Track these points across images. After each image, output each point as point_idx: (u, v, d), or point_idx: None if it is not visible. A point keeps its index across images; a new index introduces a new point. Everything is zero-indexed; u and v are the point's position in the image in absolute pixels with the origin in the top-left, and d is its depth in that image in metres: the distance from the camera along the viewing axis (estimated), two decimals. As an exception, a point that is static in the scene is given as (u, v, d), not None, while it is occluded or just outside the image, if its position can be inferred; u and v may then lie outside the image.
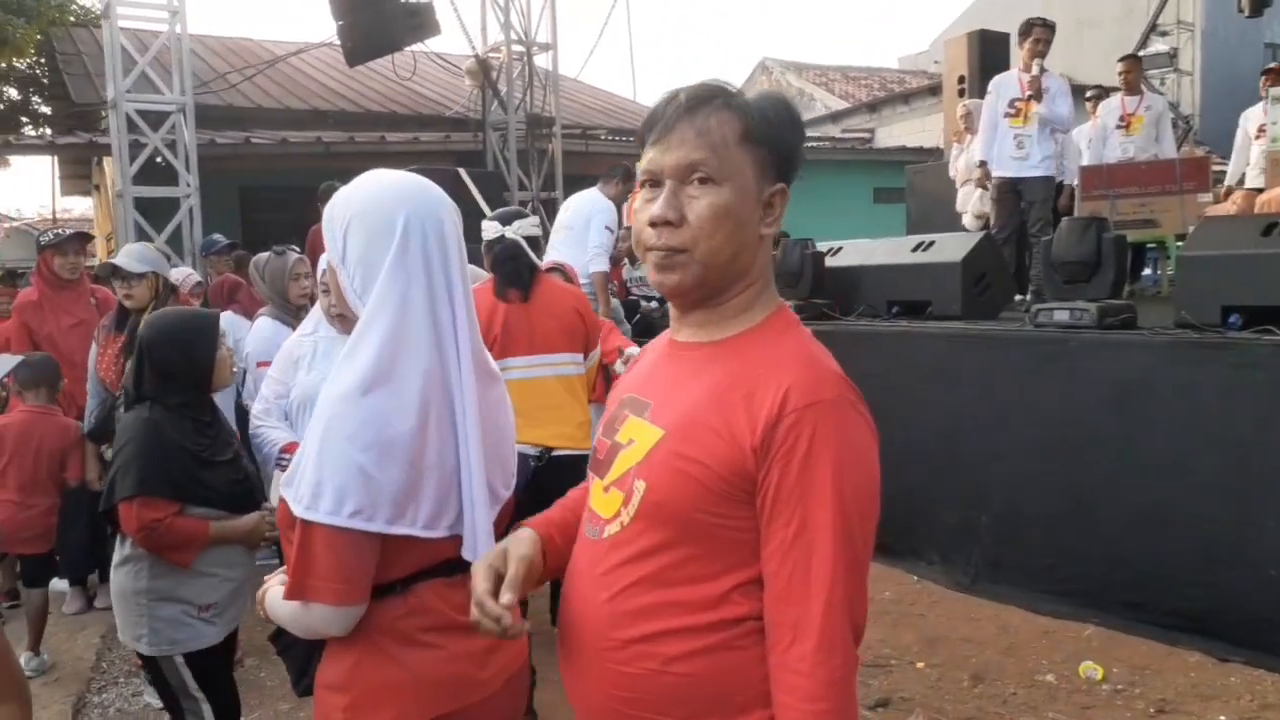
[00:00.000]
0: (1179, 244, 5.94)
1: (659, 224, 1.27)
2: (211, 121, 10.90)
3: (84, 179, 14.78)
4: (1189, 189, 6.99)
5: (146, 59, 8.33)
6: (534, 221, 3.57)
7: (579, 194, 6.76)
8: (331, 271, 1.64)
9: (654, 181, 1.29)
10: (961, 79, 9.43)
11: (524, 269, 3.46)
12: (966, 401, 4.89)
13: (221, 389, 2.82)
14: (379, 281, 1.53)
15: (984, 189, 7.08)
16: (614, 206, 6.55)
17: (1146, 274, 8.67)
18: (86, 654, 4.41)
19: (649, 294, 7.89)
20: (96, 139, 10.40)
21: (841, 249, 6.51)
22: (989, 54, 9.22)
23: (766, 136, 1.28)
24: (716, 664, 1.24)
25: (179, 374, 2.61)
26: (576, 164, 11.45)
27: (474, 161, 10.78)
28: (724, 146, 1.25)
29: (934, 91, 16.64)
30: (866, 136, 19.50)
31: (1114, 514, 4.22)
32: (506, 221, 3.50)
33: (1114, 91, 8.26)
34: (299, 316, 3.73)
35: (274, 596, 1.63)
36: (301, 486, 1.49)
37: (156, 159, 8.67)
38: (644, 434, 1.32)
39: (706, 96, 1.27)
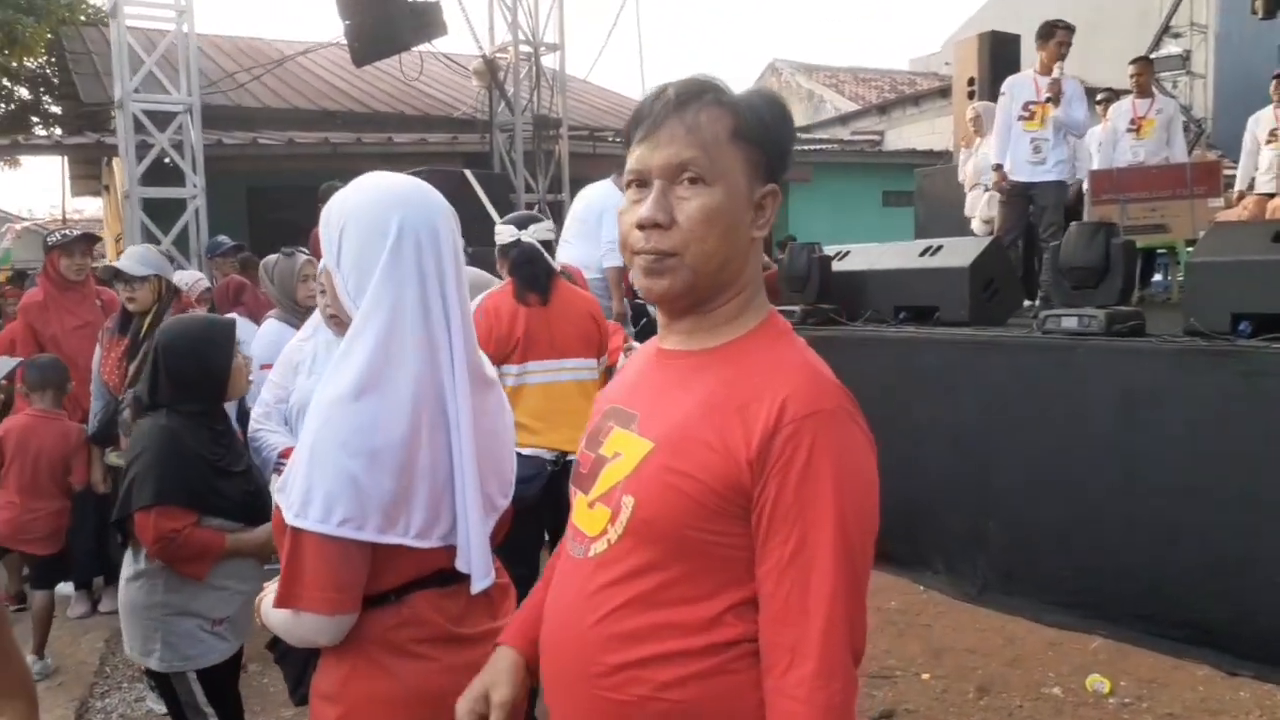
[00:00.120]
0: (1189, 249, 5.89)
1: (647, 226, 1.21)
2: (219, 121, 10.93)
3: (94, 179, 14.80)
4: (1200, 193, 6.92)
5: (153, 59, 8.34)
6: (549, 226, 3.61)
7: (592, 186, 6.67)
8: (327, 274, 1.64)
9: (641, 181, 1.23)
10: (972, 81, 9.37)
11: (542, 273, 3.49)
12: (973, 408, 4.85)
13: (237, 397, 2.80)
14: (371, 286, 1.52)
15: (1000, 192, 6.99)
16: None
17: (1156, 279, 8.61)
18: (90, 658, 4.40)
19: None
20: (105, 139, 10.42)
21: (849, 253, 6.46)
22: (1000, 56, 9.17)
23: (758, 134, 1.23)
24: (711, 689, 1.18)
25: (194, 382, 2.58)
26: (583, 165, 11.41)
27: (481, 163, 10.78)
28: (715, 145, 1.20)
29: (944, 93, 16.60)
30: (876, 139, 19.44)
31: (1122, 524, 4.17)
32: (522, 225, 3.53)
33: (1125, 94, 8.20)
34: (306, 319, 3.72)
35: (268, 604, 1.62)
36: (292, 493, 1.48)
37: (164, 160, 8.68)
38: (631, 447, 1.26)
39: (696, 92, 1.22)
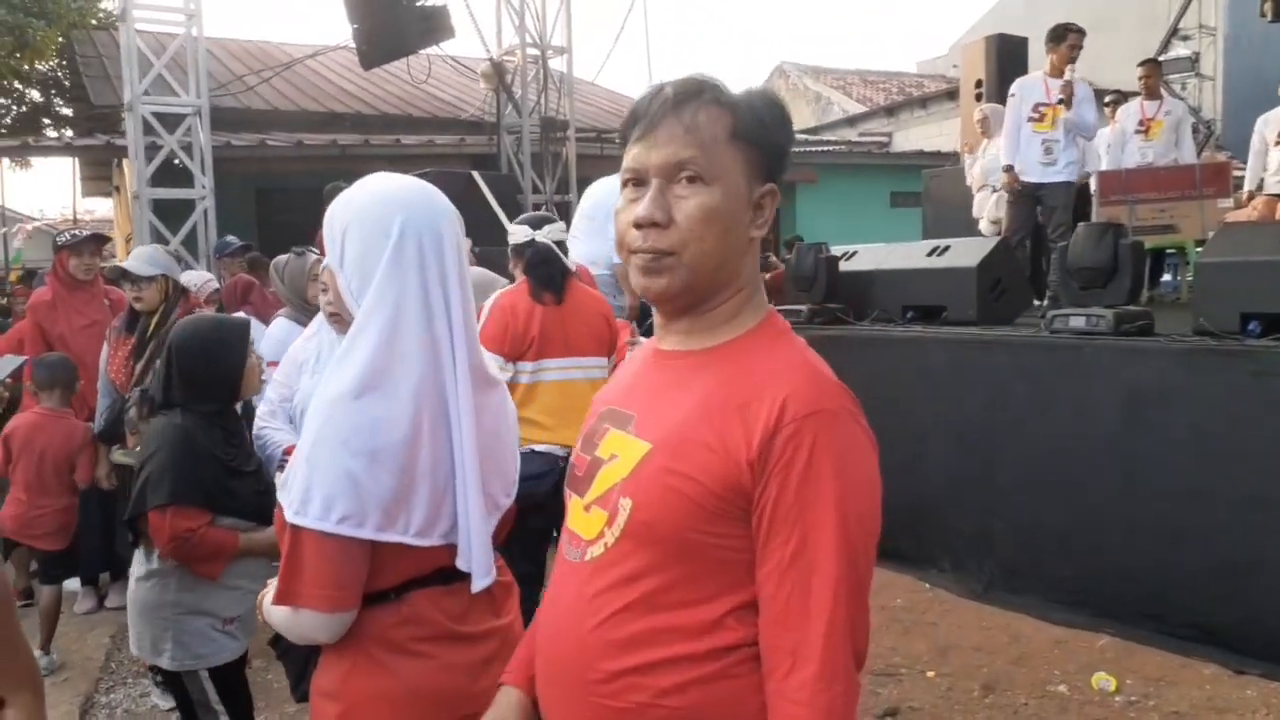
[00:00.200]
0: (1198, 250, 5.86)
1: (645, 225, 1.20)
2: (229, 124, 10.98)
3: (105, 180, 14.89)
4: (1209, 194, 6.90)
5: (163, 61, 8.39)
6: (561, 227, 3.67)
7: (599, 182, 6.64)
8: (330, 274, 1.64)
9: (638, 180, 1.22)
10: (979, 83, 9.38)
11: (557, 273, 3.55)
12: (980, 408, 4.84)
13: (249, 397, 2.80)
14: (374, 285, 1.52)
15: (1010, 193, 6.95)
16: None
17: (1166, 280, 8.56)
18: (96, 654, 4.41)
19: None
20: (115, 141, 10.48)
21: (856, 253, 6.45)
22: (1007, 58, 9.17)
23: (757, 134, 1.22)
24: (712, 695, 1.16)
25: (207, 382, 2.57)
26: (590, 167, 11.40)
27: (488, 164, 10.81)
28: (713, 144, 1.19)
29: (951, 96, 16.53)
30: (884, 140, 19.42)
31: (1129, 523, 4.16)
32: (536, 226, 3.60)
33: (1134, 96, 8.16)
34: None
35: (269, 600, 1.62)
36: (293, 491, 1.49)
37: (174, 161, 8.72)
38: (628, 448, 1.24)
39: (694, 91, 1.21)
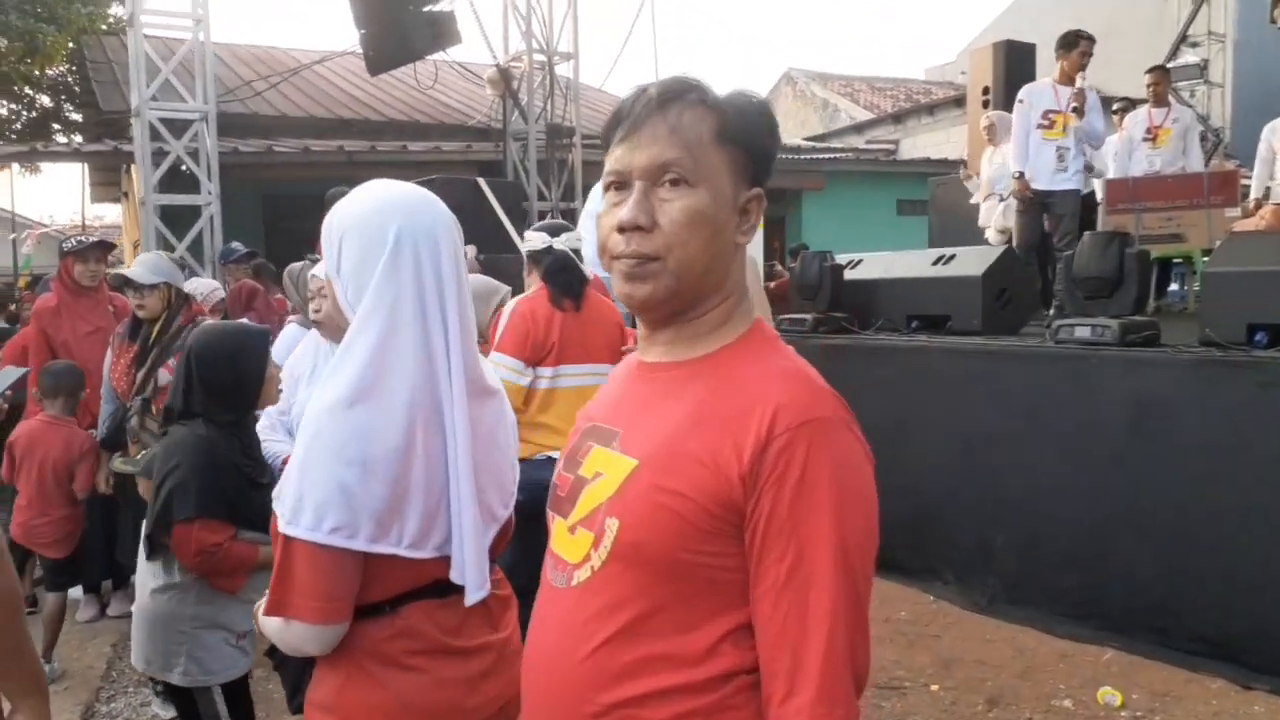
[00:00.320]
0: (1206, 259, 5.83)
1: (628, 229, 1.16)
2: (237, 129, 11.01)
3: (114, 186, 14.96)
4: (1217, 203, 6.87)
5: (170, 67, 8.41)
6: (577, 235, 3.72)
7: None
8: (328, 282, 1.63)
9: (621, 183, 1.18)
10: (986, 90, 9.33)
11: (576, 280, 3.59)
12: (985, 418, 4.82)
13: (267, 406, 2.77)
14: (368, 293, 1.51)
15: (1021, 200, 6.90)
16: None
17: (1173, 289, 8.54)
18: (97, 663, 4.40)
19: None
20: (123, 146, 10.51)
21: (861, 261, 6.44)
22: (1015, 65, 9.12)
23: (743, 136, 1.18)
24: None
25: (228, 390, 2.55)
26: (596, 174, 11.29)
27: (495, 171, 10.82)
28: (698, 145, 1.15)
29: (959, 103, 16.56)
30: (891, 148, 19.41)
31: (1135, 535, 4.13)
32: (554, 234, 3.67)
33: (1142, 103, 8.13)
34: None
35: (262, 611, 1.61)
36: (285, 501, 1.48)
37: (181, 167, 8.75)
38: (613, 466, 1.19)
39: (679, 91, 1.17)
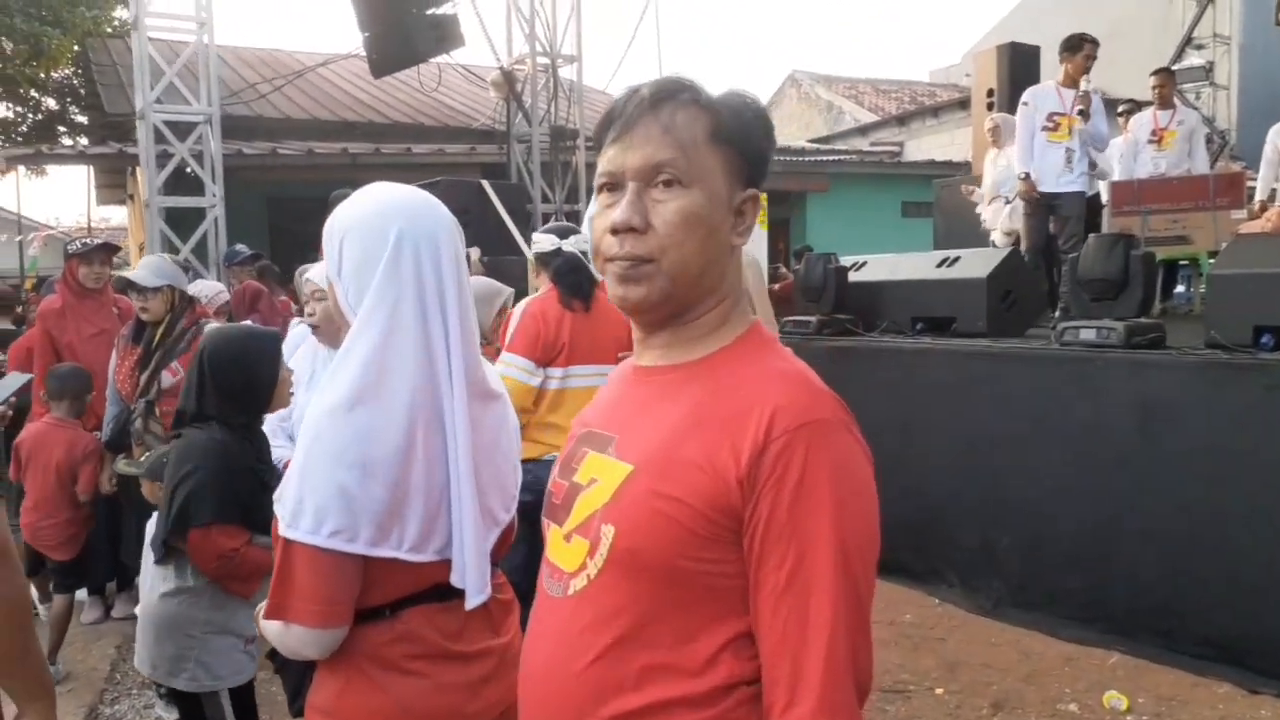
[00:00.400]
0: (1212, 261, 5.81)
1: (621, 230, 1.14)
2: (241, 132, 11.02)
3: (120, 188, 14.98)
4: (1222, 205, 6.83)
5: (174, 70, 8.42)
6: (585, 237, 3.73)
7: None
8: (329, 286, 1.62)
9: (613, 184, 1.16)
10: (991, 92, 9.32)
11: (585, 281, 3.63)
12: (990, 420, 4.80)
13: (278, 410, 2.77)
14: (368, 295, 1.50)
15: (1027, 201, 6.87)
16: None
17: (1179, 291, 8.50)
18: (101, 664, 4.41)
19: None
20: (127, 149, 10.53)
21: (865, 264, 6.43)
22: (1019, 67, 9.11)
23: (737, 136, 1.16)
24: None
25: (242, 393, 2.54)
26: (600, 176, 11.41)
27: (499, 173, 10.82)
28: (692, 145, 1.13)
29: (964, 105, 16.54)
30: (895, 150, 19.37)
31: (1140, 538, 4.11)
32: (563, 236, 3.72)
33: (1147, 106, 8.11)
34: None
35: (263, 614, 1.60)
36: (285, 503, 1.47)
37: (185, 169, 8.75)
38: (608, 471, 1.17)
39: (672, 91, 1.16)
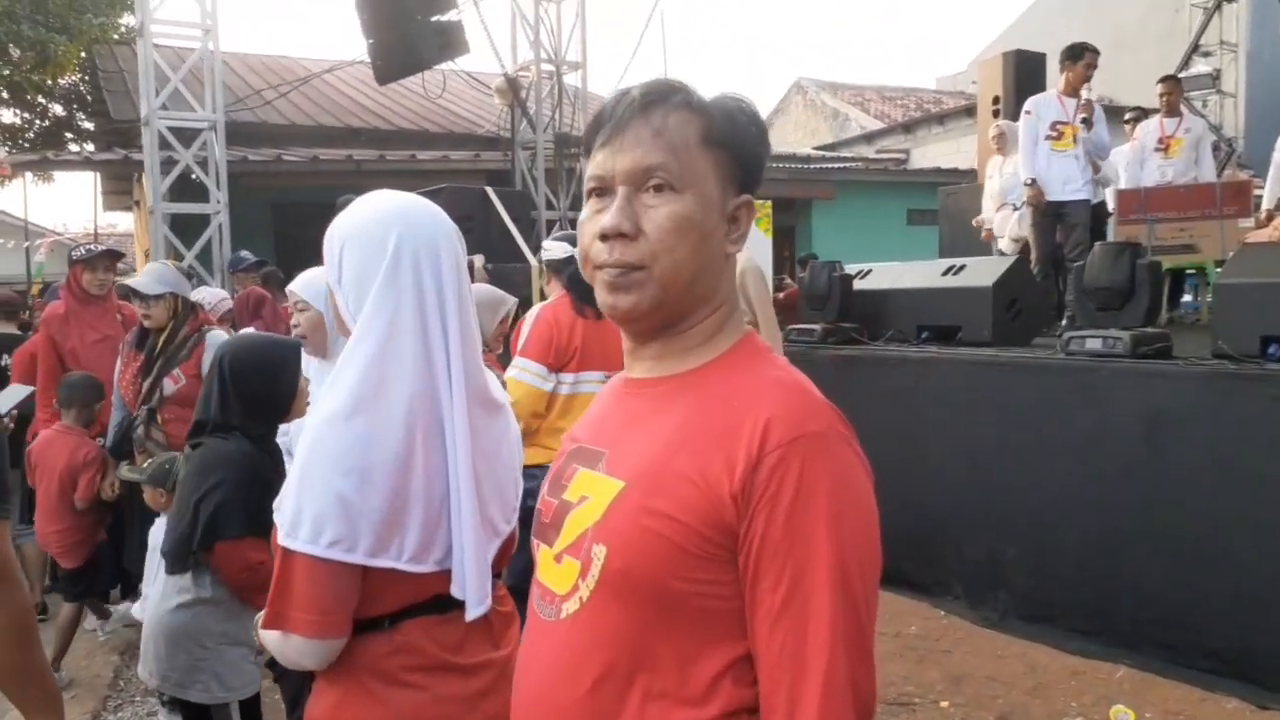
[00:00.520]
0: (1219, 270, 5.78)
1: (611, 236, 1.10)
2: (246, 138, 11.04)
3: (126, 195, 15.01)
4: (1230, 213, 6.81)
5: (179, 76, 8.45)
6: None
7: None
8: (330, 292, 1.62)
9: (603, 189, 1.13)
10: (996, 99, 9.32)
11: None
12: (995, 430, 4.77)
13: (295, 420, 2.76)
14: (368, 303, 1.49)
15: (1035, 209, 6.85)
16: None
17: (1186, 300, 8.48)
18: (104, 671, 4.40)
19: None
20: (133, 155, 10.56)
21: (870, 271, 6.41)
22: (1025, 75, 9.11)
23: (731, 140, 1.13)
24: None
25: (264, 402, 2.53)
26: (605, 183, 11.41)
27: (504, 180, 10.83)
28: (684, 149, 1.10)
29: (970, 112, 16.47)
30: (901, 157, 19.35)
31: (1147, 550, 4.08)
32: (574, 243, 3.65)
33: (1153, 113, 8.09)
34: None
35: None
36: (284, 512, 1.46)
37: (190, 175, 8.78)
38: (599, 488, 1.13)
39: (663, 93, 1.12)
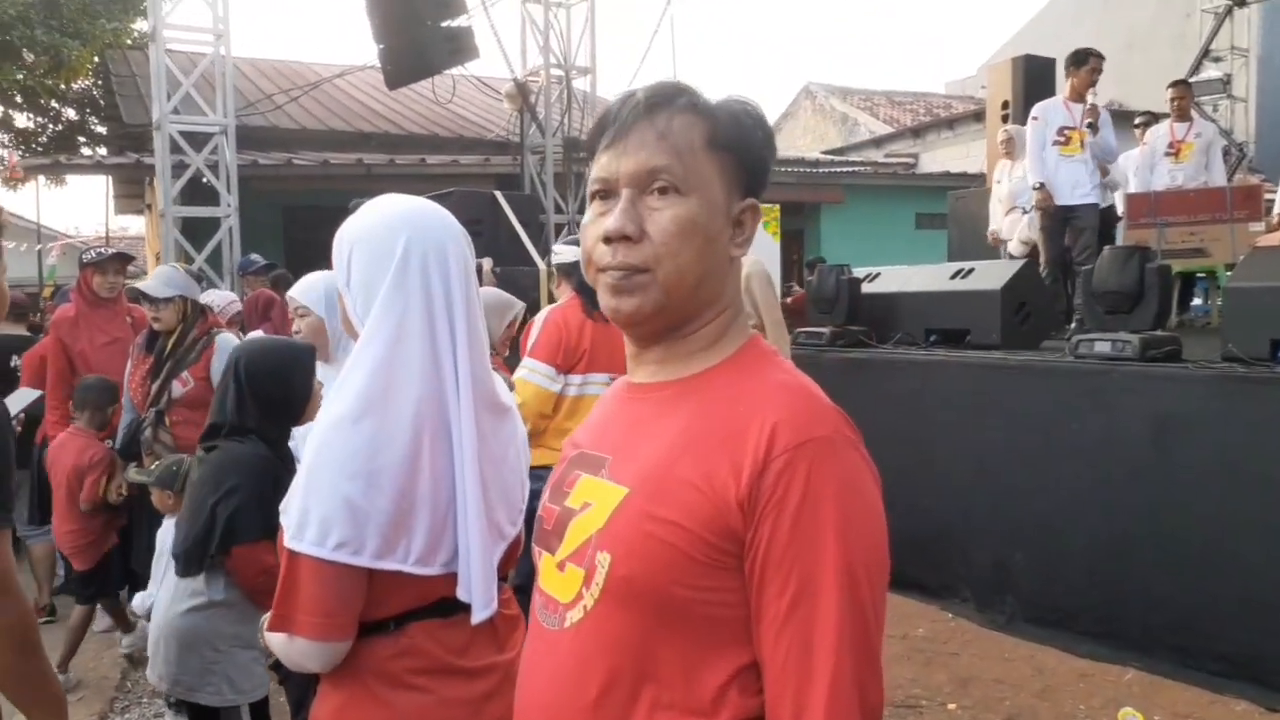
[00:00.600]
0: (1229, 273, 5.76)
1: (614, 239, 1.09)
2: (256, 142, 11.10)
3: (138, 198, 15.09)
4: (1240, 217, 6.80)
5: (190, 81, 8.50)
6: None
7: None
8: (339, 296, 1.62)
9: (607, 192, 1.12)
10: (1006, 104, 9.29)
11: None
12: (1004, 434, 4.77)
13: (308, 423, 2.77)
14: (376, 306, 1.50)
15: (1044, 213, 6.82)
16: None
17: (1196, 304, 8.44)
18: (112, 673, 4.42)
19: None
20: (144, 159, 10.62)
21: (879, 275, 6.41)
22: (1034, 79, 9.08)
23: (736, 143, 1.12)
24: None
25: (279, 405, 2.54)
26: (614, 187, 11.43)
27: (513, 184, 10.86)
28: (689, 152, 1.09)
29: (978, 117, 16.48)
30: (910, 162, 19.33)
31: (1156, 553, 4.06)
32: None
33: (1164, 118, 8.07)
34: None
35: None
36: (291, 515, 1.46)
37: (202, 179, 8.82)
38: (602, 495, 1.11)
39: (668, 96, 1.12)
